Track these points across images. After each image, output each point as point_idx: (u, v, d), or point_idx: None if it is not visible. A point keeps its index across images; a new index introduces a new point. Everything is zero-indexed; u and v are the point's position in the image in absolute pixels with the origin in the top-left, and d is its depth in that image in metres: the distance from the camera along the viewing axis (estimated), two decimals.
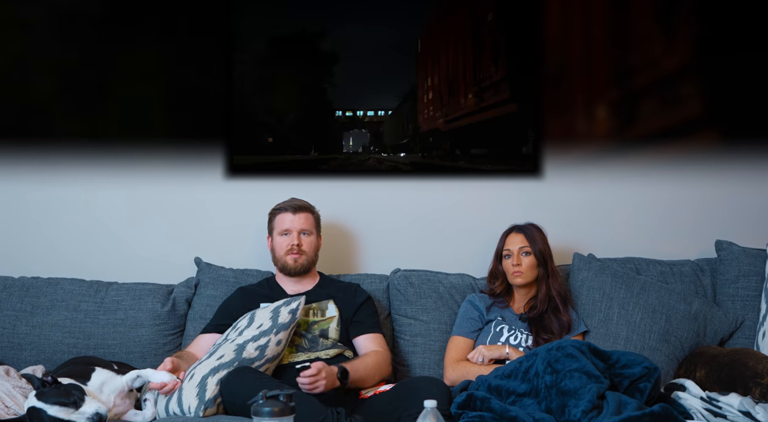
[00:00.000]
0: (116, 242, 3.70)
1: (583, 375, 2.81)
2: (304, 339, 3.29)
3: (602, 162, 3.83)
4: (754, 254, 3.66)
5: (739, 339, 3.57)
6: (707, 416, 2.91)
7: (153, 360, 3.39)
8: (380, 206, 3.78)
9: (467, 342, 3.42)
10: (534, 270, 3.44)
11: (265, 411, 2.33)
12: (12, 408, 2.94)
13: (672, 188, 3.85)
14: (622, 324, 3.45)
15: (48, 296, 3.50)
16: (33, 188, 3.67)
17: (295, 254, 3.41)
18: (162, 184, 3.70)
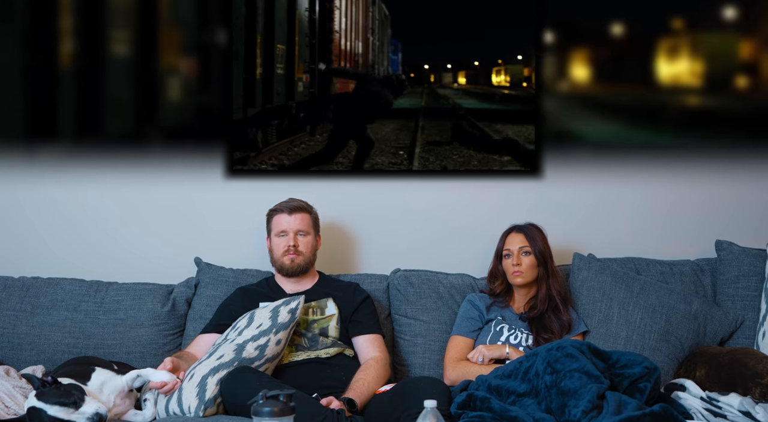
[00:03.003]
0: (116, 242, 3.70)
1: (583, 375, 2.80)
2: (303, 337, 3.29)
3: (602, 162, 3.83)
4: (754, 254, 3.66)
5: (739, 339, 3.57)
6: (707, 416, 2.91)
7: (153, 360, 3.39)
8: (380, 206, 3.78)
9: (467, 342, 3.42)
10: (534, 270, 3.44)
11: (265, 411, 2.33)
12: (12, 408, 2.94)
13: (672, 188, 3.85)
14: (622, 323, 3.45)
15: (48, 296, 3.50)
16: (33, 188, 3.67)
17: (292, 255, 3.41)
18: (162, 184, 3.69)
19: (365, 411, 3.05)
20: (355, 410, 3.00)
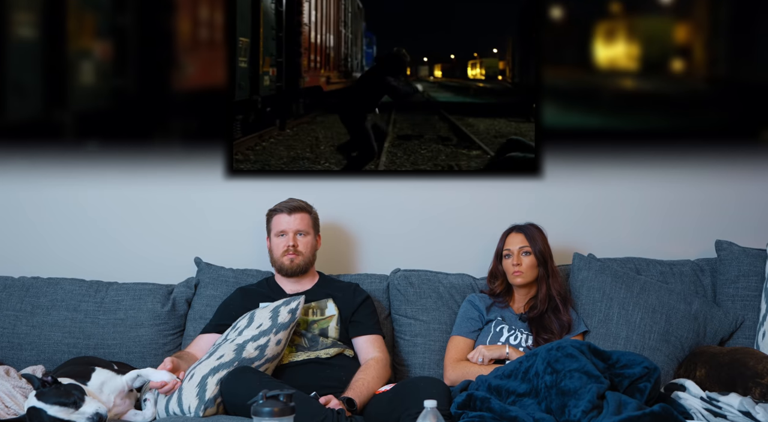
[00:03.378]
0: (116, 242, 3.70)
1: (583, 375, 2.80)
2: (303, 338, 3.29)
3: (602, 162, 3.83)
4: (754, 254, 3.66)
5: (739, 339, 3.57)
6: (707, 416, 2.91)
7: (153, 360, 3.39)
8: (380, 206, 3.78)
9: (467, 342, 3.42)
10: (534, 270, 3.44)
11: (265, 411, 2.33)
12: (12, 408, 2.94)
13: (672, 188, 3.85)
14: (622, 323, 3.45)
15: (48, 296, 3.50)
16: (32, 188, 3.67)
17: (291, 255, 3.41)
18: (162, 184, 3.69)
19: (365, 411, 3.05)
20: (354, 409, 3.00)
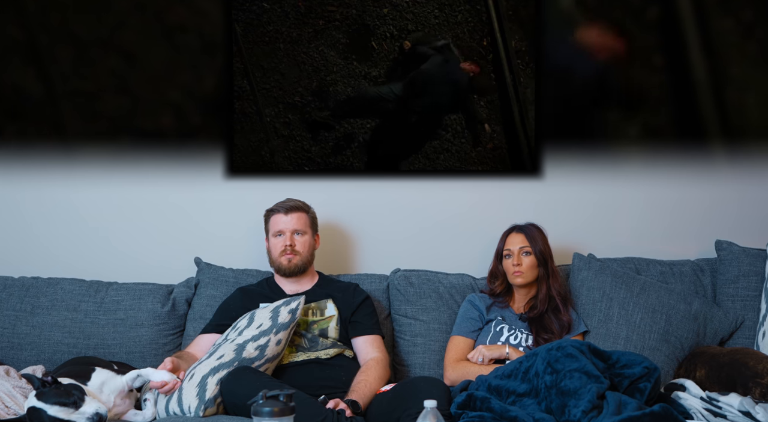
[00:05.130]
0: (116, 242, 3.69)
1: (583, 375, 2.81)
2: (303, 338, 3.29)
3: (602, 162, 3.83)
4: (754, 254, 3.66)
5: (739, 339, 3.57)
6: (707, 416, 2.91)
7: (153, 360, 3.39)
8: (380, 206, 3.78)
9: (467, 342, 3.42)
10: (534, 270, 3.44)
11: (265, 411, 2.33)
12: (12, 408, 2.94)
13: (673, 188, 3.85)
14: (622, 323, 3.45)
15: (48, 296, 3.50)
16: (32, 188, 3.67)
17: (289, 255, 3.40)
18: (162, 184, 3.69)
19: (365, 411, 3.05)
20: (359, 412, 3.00)
